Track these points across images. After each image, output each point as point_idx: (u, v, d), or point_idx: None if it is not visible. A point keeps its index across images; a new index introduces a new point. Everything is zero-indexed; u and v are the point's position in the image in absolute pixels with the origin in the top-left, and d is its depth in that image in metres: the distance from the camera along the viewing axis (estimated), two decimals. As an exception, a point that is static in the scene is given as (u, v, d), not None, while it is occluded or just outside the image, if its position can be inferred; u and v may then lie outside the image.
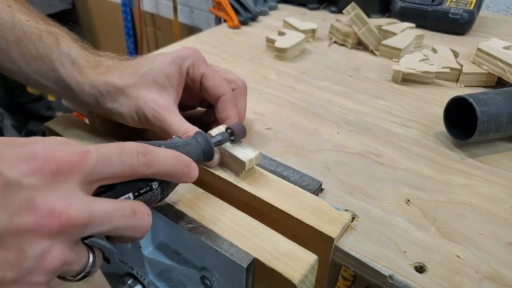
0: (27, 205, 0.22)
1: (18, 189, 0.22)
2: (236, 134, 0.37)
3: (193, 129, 0.38)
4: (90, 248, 0.27)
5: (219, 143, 0.37)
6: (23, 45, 0.39)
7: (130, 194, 0.28)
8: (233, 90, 0.44)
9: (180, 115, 0.40)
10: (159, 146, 0.30)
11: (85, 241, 0.27)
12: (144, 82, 0.39)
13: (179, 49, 0.41)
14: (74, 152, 0.24)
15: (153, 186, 0.30)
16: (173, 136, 0.35)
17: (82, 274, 0.26)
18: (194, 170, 0.31)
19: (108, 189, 0.27)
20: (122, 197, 0.28)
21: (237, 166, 0.38)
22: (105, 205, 0.25)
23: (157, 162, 0.28)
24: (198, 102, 0.47)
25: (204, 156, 0.34)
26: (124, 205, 0.26)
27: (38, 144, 0.24)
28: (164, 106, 0.39)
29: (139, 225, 0.27)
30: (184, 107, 0.47)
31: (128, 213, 0.26)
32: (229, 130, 0.37)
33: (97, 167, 0.25)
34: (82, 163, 0.24)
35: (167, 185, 0.31)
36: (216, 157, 0.38)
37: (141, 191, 0.29)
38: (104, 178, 0.26)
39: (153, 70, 0.39)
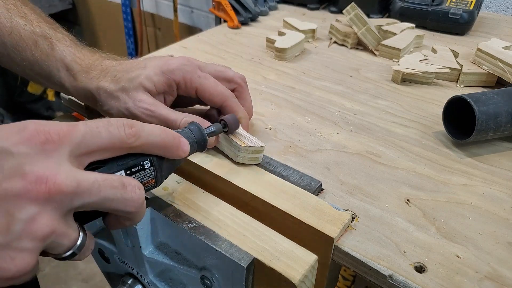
0: (16, 171, 0.22)
1: (7, 156, 0.22)
2: (229, 126, 0.38)
3: (191, 117, 0.40)
4: (82, 228, 0.27)
5: (213, 133, 0.37)
6: (21, 50, 0.40)
7: (122, 172, 0.28)
8: (234, 89, 0.44)
9: (170, 108, 0.41)
10: None
11: (79, 224, 0.27)
12: (131, 86, 0.40)
13: (170, 60, 0.41)
14: (63, 125, 0.25)
15: (145, 165, 0.29)
16: None
17: (69, 252, 0.26)
18: (184, 144, 0.31)
19: (98, 166, 0.27)
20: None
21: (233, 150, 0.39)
22: (93, 176, 0.25)
23: (144, 133, 0.28)
24: (197, 100, 0.47)
25: (197, 144, 0.34)
26: (113, 177, 0.26)
27: (30, 121, 0.25)
28: (154, 103, 0.40)
29: (130, 198, 0.26)
30: (182, 105, 0.47)
31: (117, 184, 0.26)
32: (222, 122, 0.38)
33: (85, 138, 0.25)
34: (70, 134, 0.25)
35: (160, 165, 0.31)
36: (212, 139, 0.40)
37: (133, 170, 0.29)
38: (93, 151, 0.26)
39: (141, 76, 0.40)
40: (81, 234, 0.26)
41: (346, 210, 0.37)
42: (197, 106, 0.49)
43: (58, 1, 1.97)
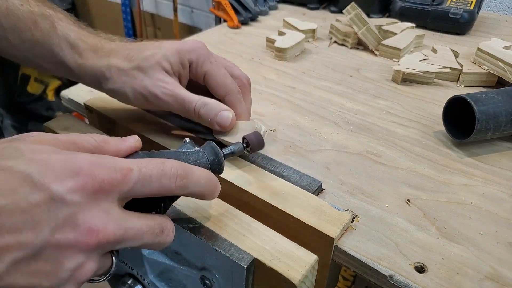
0: (69, 221, 0.23)
1: (62, 204, 0.23)
2: (252, 147, 0.35)
3: (209, 101, 0.40)
4: (112, 252, 0.28)
5: (231, 154, 0.34)
6: (20, 32, 0.39)
7: (162, 205, 0.29)
8: None
9: (187, 90, 0.40)
10: (161, 155, 0.30)
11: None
12: (147, 64, 0.40)
13: (185, 41, 0.42)
14: (117, 170, 0.25)
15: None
16: (186, 140, 0.33)
17: (106, 276, 0.27)
18: (218, 190, 0.31)
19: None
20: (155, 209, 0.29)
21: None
22: (139, 223, 0.26)
23: (192, 184, 0.28)
24: (205, 91, 0.46)
25: (211, 168, 0.32)
26: (155, 224, 0.27)
27: (83, 156, 0.24)
28: (172, 83, 0.40)
29: (163, 242, 0.28)
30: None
31: (158, 231, 0.27)
32: (245, 141, 0.35)
33: (136, 186, 0.25)
34: (123, 182, 0.25)
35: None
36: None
37: (171, 202, 0.30)
38: (140, 195, 0.26)
39: (157, 55, 0.40)
40: (114, 259, 0.27)
41: (346, 210, 0.37)
42: None
43: (58, 1, 1.97)
